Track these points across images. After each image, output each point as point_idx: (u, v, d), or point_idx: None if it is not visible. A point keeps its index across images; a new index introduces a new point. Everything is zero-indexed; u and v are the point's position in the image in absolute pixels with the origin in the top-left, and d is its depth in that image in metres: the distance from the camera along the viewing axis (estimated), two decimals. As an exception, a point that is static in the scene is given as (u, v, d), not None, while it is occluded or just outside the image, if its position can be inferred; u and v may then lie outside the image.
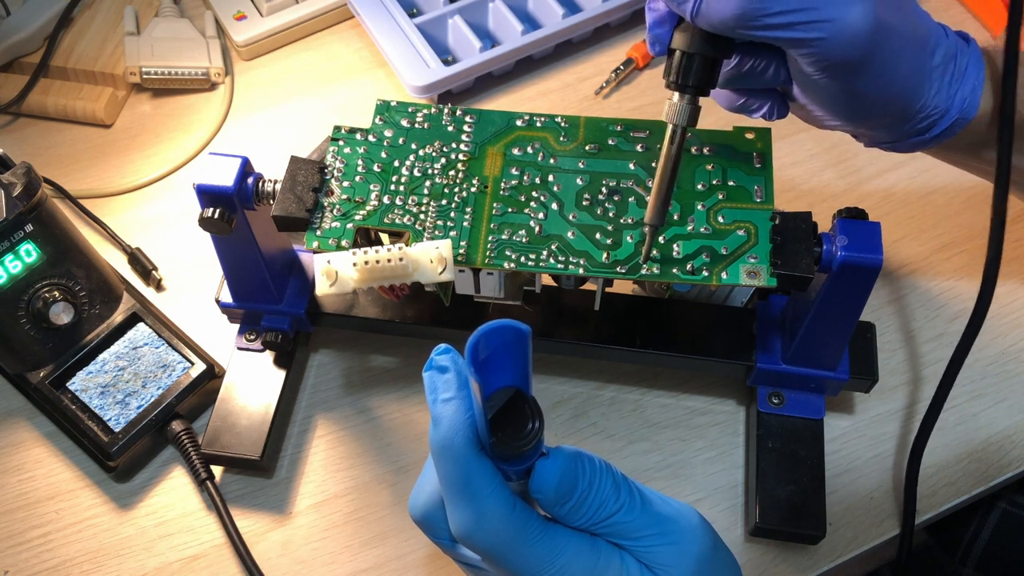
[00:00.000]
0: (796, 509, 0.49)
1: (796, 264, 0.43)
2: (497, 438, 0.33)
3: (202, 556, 0.52)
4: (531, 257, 0.45)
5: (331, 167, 0.48)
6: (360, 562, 0.52)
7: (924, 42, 0.43)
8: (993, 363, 0.57)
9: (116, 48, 0.69)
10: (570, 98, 0.69)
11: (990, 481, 0.53)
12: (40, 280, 0.53)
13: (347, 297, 0.54)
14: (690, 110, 0.41)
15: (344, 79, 0.71)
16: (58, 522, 0.53)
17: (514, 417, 0.33)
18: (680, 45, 0.41)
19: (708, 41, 0.40)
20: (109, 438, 0.52)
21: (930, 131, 0.45)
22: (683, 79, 0.41)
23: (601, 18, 0.70)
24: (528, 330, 0.31)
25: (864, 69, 0.40)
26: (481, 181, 0.48)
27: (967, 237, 0.62)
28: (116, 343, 0.55)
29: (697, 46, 0.40)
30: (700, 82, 0.41)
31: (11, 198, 0.51)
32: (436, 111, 0.50)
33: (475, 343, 0.30)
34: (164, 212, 0.65)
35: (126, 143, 0.68)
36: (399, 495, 0.53)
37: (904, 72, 0.42)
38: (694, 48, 0.40)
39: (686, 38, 0.40)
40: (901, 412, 0.55)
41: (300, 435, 0.56)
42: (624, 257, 0.45)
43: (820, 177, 0.64)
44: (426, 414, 0.56)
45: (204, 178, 0.46)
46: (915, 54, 0.42)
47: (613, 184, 0.47)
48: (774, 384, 0.52)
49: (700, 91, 0.41)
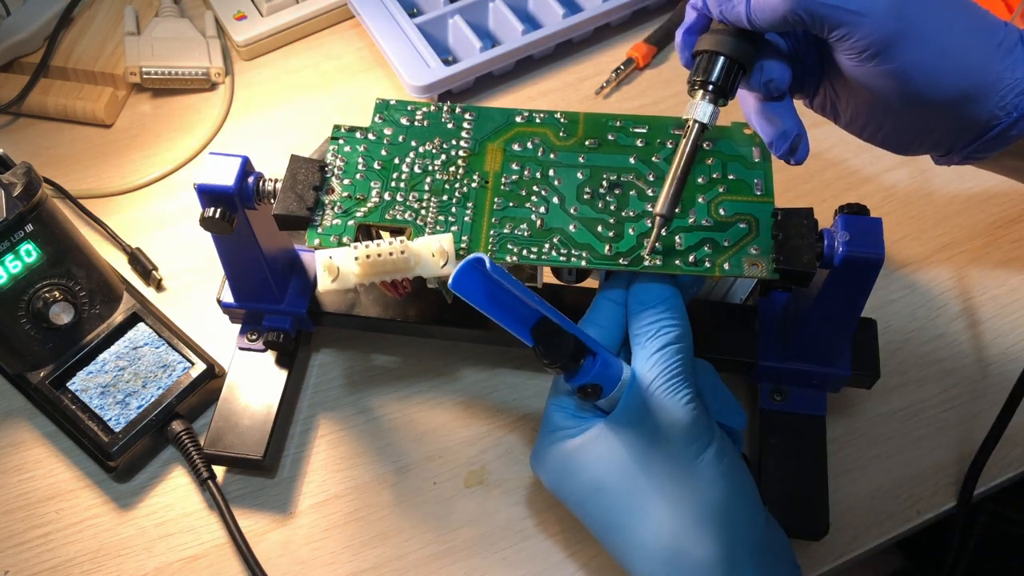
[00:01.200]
0: (799, 505, 0.49)
1: (798, 260, 0.43)
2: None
3: (202, 556, 0.52)
4: (533, 250, 0.45)
5: (331, 165, 0.48)
6: (360, 562, 0.51)
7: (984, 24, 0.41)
8: (994, 363, 0.57)
9: (116, 48, 0.69)
10: (570, 98, 0.69)
11: (990, 481, 0.53)
12: (40, 280, 0.53)
13: (349, 296, 0.54)
14: (711, 109, 0.42)
15: (344, 79, 0.71)
16: (58, 522, 0.53)
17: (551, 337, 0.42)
18: (706, 46, 0.42)
19: (734, 44, 0.42)
20: (109, 438, 0.52)
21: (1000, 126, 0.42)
22: (707, 77, 0.42)
23: (601, 18, 0.70)
24: (481, 257, 0.39)
25: (901, 44, 0.39)
26: (482, 177, 0.48)
27: (967, 237, 0.62)
28: (116, 343, 0.55)
29: (723, 47, 0.42)
30: (722, 82, 0.42)
31: (11, 198, 0.51)
32: (435, 109, 0.50)
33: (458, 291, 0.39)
34: (164, 212, 0.65)
35: (126, 143, 0.68)
36: (399, 495, 0.53)
37: (946, 45, 0.40)
38: (720, 49, 0.42)
39: (713, 40, 0.42)
40: (902, 412, 0.55)
41: (302, 435, 0.55)
42: (626, 249, 0.45)
43: (820, 177, 0.65)
44: (426, 414, 0.56)
45: (205, 178, 0.46)
46: (943, 22, 0.40)
47: (614, 178, 0.47)
48: (776, 380, 0.52)
49: (722, 91, 0.42)
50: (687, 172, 0.43)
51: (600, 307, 0.46)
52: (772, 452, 0.50)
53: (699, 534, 0.42)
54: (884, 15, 0.39)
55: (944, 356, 0.57)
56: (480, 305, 0.40)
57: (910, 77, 0.40)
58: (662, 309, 0.45)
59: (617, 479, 0.44)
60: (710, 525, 0.42)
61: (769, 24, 0.40)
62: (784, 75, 0.43)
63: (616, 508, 0.44)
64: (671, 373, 0.43)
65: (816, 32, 0.40)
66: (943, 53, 0.40)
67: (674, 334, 0.44)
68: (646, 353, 0.44)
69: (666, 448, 0.43)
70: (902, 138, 0.45)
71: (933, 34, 0.40)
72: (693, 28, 0.44)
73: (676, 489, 0.43)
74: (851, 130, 0.46)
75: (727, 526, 0.42)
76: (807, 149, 0.45)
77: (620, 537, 0.44)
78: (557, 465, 0.46)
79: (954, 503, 0.53)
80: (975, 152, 0.44)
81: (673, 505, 0.43)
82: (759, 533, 0.43)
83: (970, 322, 0.58)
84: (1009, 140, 0.42)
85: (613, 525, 0.44)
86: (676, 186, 0.43)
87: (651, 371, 0.43)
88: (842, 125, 0.47)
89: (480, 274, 0.39)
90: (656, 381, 0.43)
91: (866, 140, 0.46)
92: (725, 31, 0.42)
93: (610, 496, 0.44)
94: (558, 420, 0.46)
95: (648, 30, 0.72)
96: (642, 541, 0.43)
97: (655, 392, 0.43)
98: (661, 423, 0.43)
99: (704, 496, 0.43)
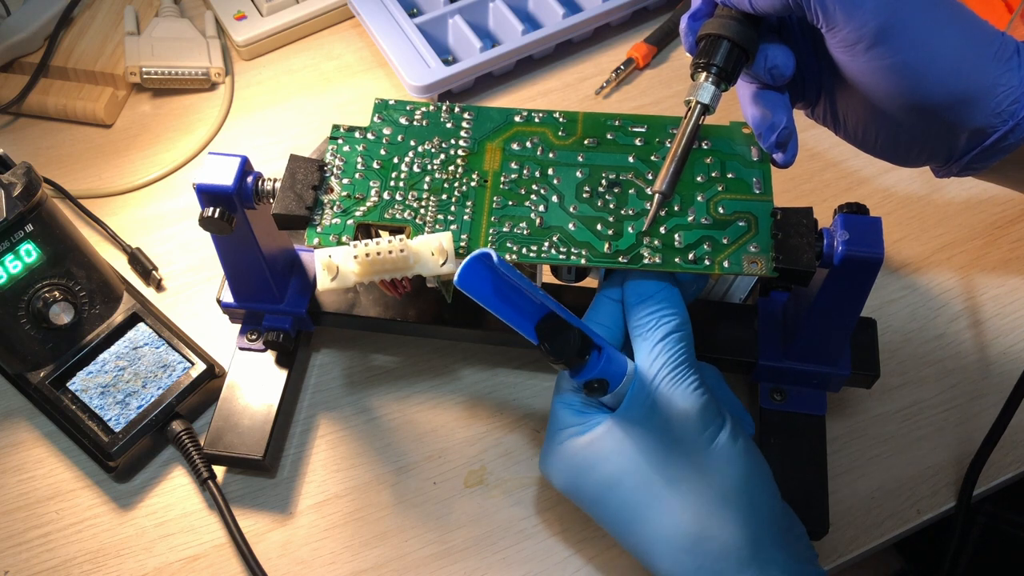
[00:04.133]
0: (799, 505, 0.49)
1: (798, 259, 0.44)
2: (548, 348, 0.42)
3: (202, 556, 0.52)
4: (533, 249, 0.45)
5: (331, 165, 0.48)
6: (360, 562, 0.51)
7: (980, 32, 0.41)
8: (994, 363, 0.57)
9: (116, 48, 0.69)
10: (570, 98, 0.69)
11: (991, 481, 0.53)
12: (40, 280, 0.53)
13: (349, 296, 0.54)
14: (712, 91, 0.43)
15: (344, 79, 0.71)
16: (58, 522, 0.53)
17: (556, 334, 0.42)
18: (711, 30, 0.44)
19: (738, 29, 0.43)
20: (109, 438, 0.52)
21: (996, 134, 0.42)
22: (709, 59, 0.43)
23: (601, 18, 0.70)
24: (488, 253, 0.38)
25: (893, 41, 0.40)
26: (481, 176, 0.48)
27: (967, 237, 0.62)
28: (116, 343, 0.55)
29: (726, 30, 0.43)
30: (725, 64, 0.43)
31: (11, 198, 0.51)
32: (434, 109, 0.50)
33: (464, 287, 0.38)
34: (164, 212, 0.65)
35: (126, 143, 0.68)
36: (399, 495, 0.53)
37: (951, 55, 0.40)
38: (723, 31, 0.43)
39: (717, 24, 0.44)
40: (902, 412, 0.55)
41: (302, 435, 0.55)
42: (626, 247, 0.45)
43: (820, 177, 0.65)
44: (426, 414, 0.56)
45: (204, 178, 0.46)
46: (965, 38, 0.41)
47: (613, 177, 0.47)
48: (776, 380, 0.52)
49: (723, 73, 0.43)
50: (688, 152, 0.44)
51: (600, 305, 0.47)
52: (772, 452, 0.50)
53: (722, 518, 0.42)
54: (876, 7, 0.39)
55: (944, 356, 0.57)
56: (486, 301, 0.39)
57: (902, 76, 0.41)
58: (659, 300, 0.45)
59: (631, 472, 0.44)
60: (733, 507, 0.42)
61: (771, 7, 0.41)
62: (788, 61, 0.44)
63: (633, 501, 0.44)
64: (675, 362, 0.43)
65: (811, 20, 0.41)
66: (935, 54, 0.40)
67: (674, 323, 0.44)
68: (648, 344, 0.44)
69: (679, 436, 0.43)
70: (899, 147, 0.45)
71: (925, 34, 0.40)
72: (698, 14, 0.45)
73: (694, 476, 0.43)
74: (850, 139, 0.47)
75: (749, 508, 0.42)
76: (795, 150, 0.46)
77: (640, 530, 0.44)
78: (567, 465, 0.46)
79: (954, 503, 0.53)
80: (973, 163, 0.44)
81: (692, 492, 0.43)
82: (779, 514, 0.44)
83: (970, 322, 0.58)
84: (1007, 149, 0.42)
85: (631, 519, 0.44)
86: (676, 165, 0.44)
87: (655, 362, 0.43)
88: (841, 135, 0.48)
89: (487, 269, 0.38)
90: (661, 372, 0.43)
91: (866, 150, 0.47)
92: (729, 16, 0.43)
93: (625, 490, 0.44)
94: (565, 418, 0.46)
95: (648, 30, 0.72)
96: (663, 532, 0.43)
97: (661, 382, 0.43)
98: (671, 412, 0.43)
99: (723, 480, 0.43)
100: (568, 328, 0.41)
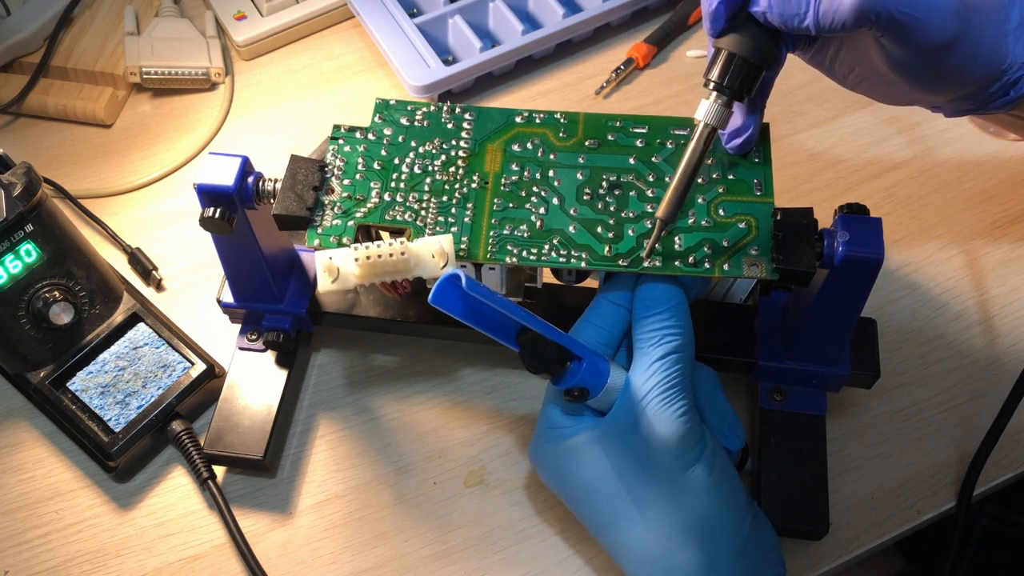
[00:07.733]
0: (799, 505, 0.49)
1: (798, 259, 0.43)
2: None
3: (202, 556, 0.52)
4: (533, 251, 0.45)
5: (331, 165, 0.48)
6: (360, 562, 0.51)
7: (1000, 7, 0.41)
8: (994, 363, 0.57)
9: (116, 48, 0.69)
10: (570, 98, 0.69)
11: (991, 481, 0.53)
12: (40, 280, 0.53)
13: (349, 296, 0.54)
14: (724, 112, 0.42)
15: (344, 79, 0.71)
16: (58, 522, 0.53)
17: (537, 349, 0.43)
18: (728, 46, 0.41)
19: (758, 47, 0.40)
20: (109, 438, 0.52)
21: (1016, 88, 0.42)
22: (726, 80, 0.41)
23: (601, 18, 0.70)
24: (457, 274, 0.39)
25: (954, 47, 0.39)
26: (481, 177, 0.48)
27: (967, 237, 0.62)
28: (116, 343, 0.55)
29: (747, 50, 0.40)
30: (740, 87, 0.41)
31: (11, 198, 0.51)
32: (435, 109, 0.50)
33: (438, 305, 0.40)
34: (164, 212, 0.65)
35: (126, 143, 0.68)
36: (399, 495, 0.53)
37: (988, 41, 0.40)
38: (743, 52, 0.40)
39: (737, 40, 0.40)
40: (902, 412, 0.55)
41: (302, 435, 0.55)
42: (626, 251, 0.45)
43: (820, 176, 0.65)
44: (426, 414, 0.56)
45: (204, 178, 0.46)
46: (995, 21, 0.40)
47: (613, 179, 0.47)
48: (776, 380, 0.52)
49: (737, 95, 0.41)
50: (694, 176, 0.42)
51: (600, 308, 0.47)
52: (772, 452, 0.50)
53: (683, 543, 0.43)
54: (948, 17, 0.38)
55: (944, 356, 0.57)
56: (462, 318, 0.41)
57: (944, 68, 0.40)
58: (667, 316, 0.45)
59: (607, 485, 0.45)
60: (695, 536, 0.43)
61: (834, 31, 0.39)
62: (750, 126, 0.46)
63: (607, 510, 0.45)
64: (668, 384, 0.44)
65: (875, 34, 0.39)
66: (977, 53, 0.40)
67: (676, 343, 0.44)
68: (646, 360, 0.44)
69: (656, 460, 0.44)
70: (899, 100, 0.45)
71: (972, 37, 0.39)
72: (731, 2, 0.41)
73: (662, 501, 0.44)
74: (846, 86, 0.46)
75: (711, 536, 0.43)
76: (751, 145, 0.46)
77: (613, 538, 0.46)
78: (553, 464, 0.47)
79: (954, 503, 0.53)
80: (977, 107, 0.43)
81: (659, 515, 0.44)
82: (743, 538, 0.44)
83: (970, 322, 0.58)
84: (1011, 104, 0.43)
85: (606, 525, 0.46)
86: (681, 190, 0.42)
87: (649, 380, 0.44)
88: (836, 80, 0.46)
89: (458, 290, 0.40)
90: (653, 391, 0.44)
91: (859, 93, 0.46)
92: (751, 26, 0.40)
93: (601, 500, 0.45)
94: (554, 417, 0.47)
95: (648, 30, 0.72)
96: (631, 543, 0.45)
97: (650, 402, 0.44)
98: (653, 434, 0.43)
99: (690, 509, 0.44)
100: (545, 341, 0.43)
